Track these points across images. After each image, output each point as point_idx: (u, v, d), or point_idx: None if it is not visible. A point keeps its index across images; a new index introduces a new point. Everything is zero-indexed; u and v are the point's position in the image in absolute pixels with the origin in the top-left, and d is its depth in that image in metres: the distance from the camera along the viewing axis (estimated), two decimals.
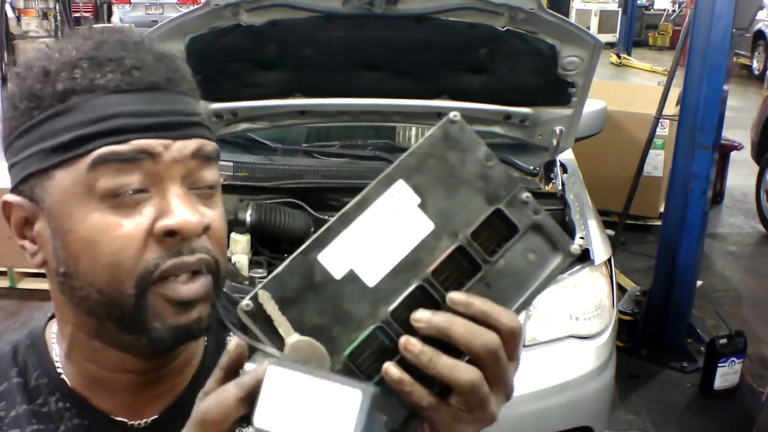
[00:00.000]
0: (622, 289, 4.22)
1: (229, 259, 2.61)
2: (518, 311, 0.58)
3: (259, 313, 0.54)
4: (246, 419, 0.53)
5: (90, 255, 0.65)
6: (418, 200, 0.57)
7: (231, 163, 3.03)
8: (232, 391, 0.54)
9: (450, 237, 0.57)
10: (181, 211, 0.65)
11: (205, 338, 0.81)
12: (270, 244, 2.79)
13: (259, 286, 0.54)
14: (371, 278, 0.55)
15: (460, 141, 0.59)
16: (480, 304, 0.55)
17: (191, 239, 0.66)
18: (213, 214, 0.69)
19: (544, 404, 2.40)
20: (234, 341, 0.57)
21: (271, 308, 0.54)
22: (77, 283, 0.66)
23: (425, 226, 0.57)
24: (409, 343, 0.53)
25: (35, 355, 0.76)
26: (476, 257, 0.57)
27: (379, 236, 0.56)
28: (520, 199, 0.58)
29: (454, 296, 0.55)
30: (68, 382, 0.74)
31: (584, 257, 2.64)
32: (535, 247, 0.58)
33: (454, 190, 0.58)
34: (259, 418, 0.51)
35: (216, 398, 0.55)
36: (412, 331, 0.54)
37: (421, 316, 0.54)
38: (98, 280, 0.65)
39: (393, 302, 0.55)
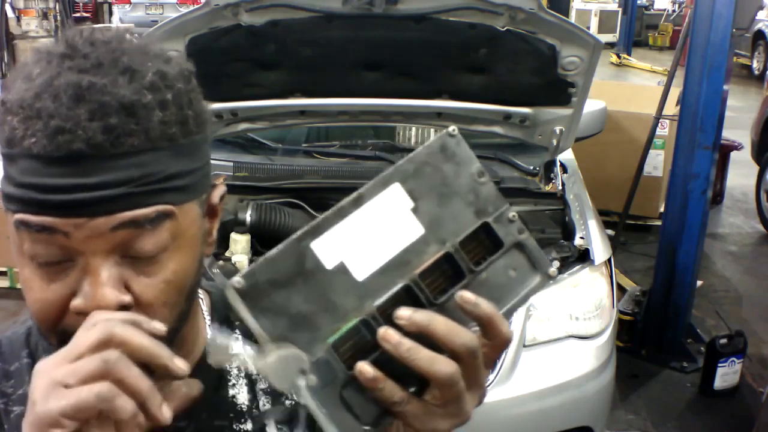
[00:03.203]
0: (622, 289, 4.22)
1: (229, 259, 2.61)
2: None
3: (249, 292, 0.55)
4: None
5: (25, 296, 0.66)
6: (412, 204, 0.59)
7: (231, 163, 3.04)
8: (145, 339, 0.56)
9: (438, 243, 0.59)
10: (93, 292, 0.62)
11: (208, 332, 0.82)
12: (270, 244, 2.77)
13: (252, 265, 0.55)
14: (360, 273, 0.57)
15: (456, 154, 0.61)
16: (486, 307, 0.56)
17: None
18: (146, 284, 0.64)
19: (544, 404, 2.40)
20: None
21: (244, 311, 0.55)
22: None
23: (416, 230, 0.59)
24: (387, 334, 0.54)
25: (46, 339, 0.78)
26: (462, 265, 0.59)
27: (372, 234, 0.57)
28: (507, 217, 0.61)
29: (465, 294, 0.56)
30: None
31: (584, 257, 2.64)
32: (516, 265, 0.61)
33: (446, 199, 0.60)
34: None
35: (129, 330, 0.56)
36: (395, 329, 0.55)
37: (403, 314, 0.55)
38: (34, 318, 0.67)
39: (379, 298, 0.57)
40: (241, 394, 0.82)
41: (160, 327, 0.59)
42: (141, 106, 0.61)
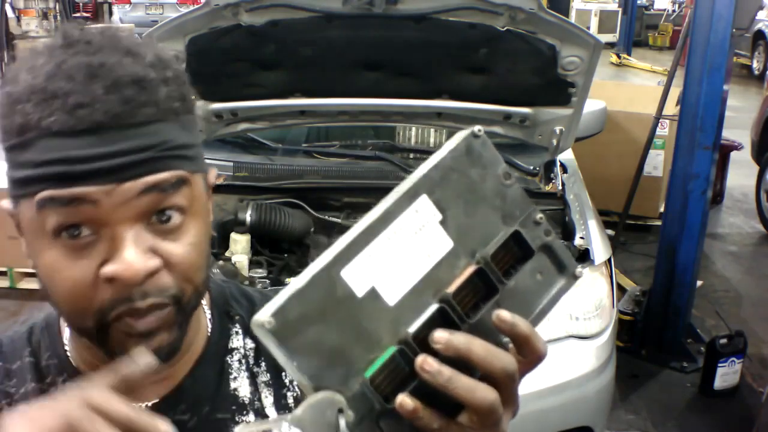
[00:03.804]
0: (622, 289, 4.22)
1: (229, 259, 2.61)
2: None
3: (281, 331, 0.50)
4: None
5: (50, 286, 0.67)
6: (440, 216, 0.56)
7: (231, 163, 3.04)
8: (122, 406, 0.55)
9: (467, 256, 0.57)
10: (123, 257, 0.64)
11: (209, 328, 0.84)
12: (270, 244, 2.79)
13: (279, 299, 0.51)
14: (392, 296, 0.54)
15: (483, 156, 0.58)
16: (523, 326, 0.55)
17: (138, 284, 0.65)
18: (173, 248, 0.67)
19: (544, 404, 2.40)
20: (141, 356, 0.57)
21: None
22: (51, 301, 0.69)
23: (445, 243, 0.56)
24: (426, 362, 0.52)
25: (48, 338, 0.80)
26: (493, 279, 0.56)
27: (401, 252, 0.54)
28: (533, 219, 0.59)
29: (501, 314, 0.55)
30: (75, 364, 0.78)
31: (584, 257, 2.64)
32: (542, 268, 0.59)
33: (473, 207, 0.57)
34: None
35: (102, 401, 0.55)
36: (431, 352, 0.53)
37: (440, 337, 0.53)
38: (62, 308, 0.68)
39: (413, 323, 0.54)
40: (242, 387, 0.82)
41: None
42: (149, 80, 0.65)
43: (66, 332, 0.80)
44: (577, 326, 2.51)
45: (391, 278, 0.54)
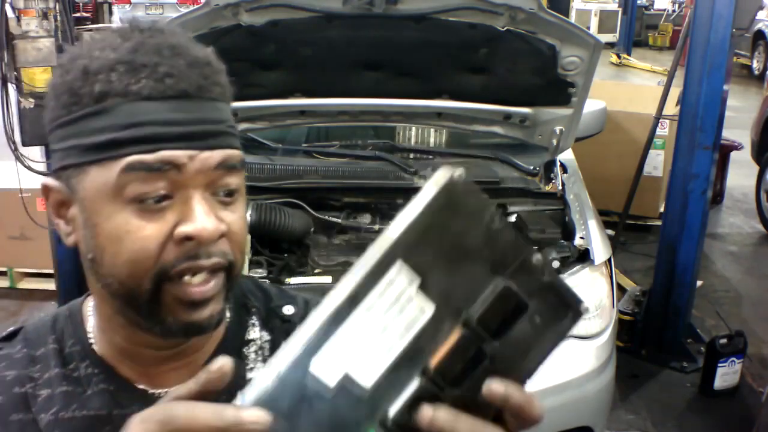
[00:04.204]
0: (622, 289, 4.22)
1: None
2: (526, 379, 0.54)
3: None
4: None
5: (113, 250, 0.70)
6: (419, 281, 0.50)
7: None
8: (207, 415, 0.52)
9: (452, 318, 0.51)
10: (200, 218, 0.69)
11: (228, 316, 0.86)
12: (270, 244, 2.79)
13: (247, 398, 0.49)
14: (368, 378, 0.49)
15: (466, 204, 0.51)
16: (517, 397, 0.52)
17: (208, 244, 0.70)
18: (233, 218, 0.73)
19: (544, 404, 2.38)
20: (219, 362, 0.55)
21: None
22: (102, 270, 0.72)
23: (426, 309, 0.50)
24: None
25: (71, 325, 0.83)
26: (483, 346, 0.51)
27: (376, 330, 0.49)
28: (529, 263, 0.53)
29: (492, 387, 0.51)
30: (98, 351, 0.81)
31: (584, 257, 2.64)
32: (541, 310, 0.53)
33: (457, 263, 0.51)
34: None
35: (187, 412, 0.53)
36: (416, 430, 0.50)
37: (423, 416, 0.50)
38: (119, 272, 0.70)
39: (394, 402, 0.50)
40: None
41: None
42: (215, 64, 0.74)
43: (90, 321, 0.82)
44: (577, 326, 2.51)
45: (366, 360, 0.49)
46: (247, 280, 0.93)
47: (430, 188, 0.51)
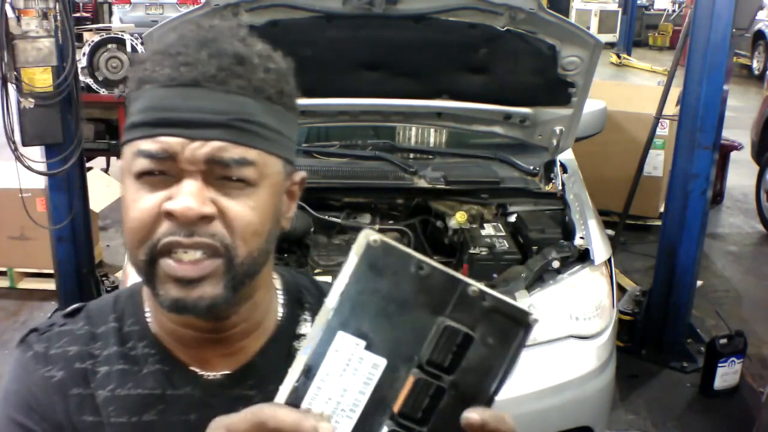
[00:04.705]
0: (622, 289, 4.22)
1: None
2: (494, 396, 0.57)
3: None
4: None
5: (125, 218, 0.76)
6: (364, 343, 0.56)
7: None
8: (291, 418, 0.55)
9: (406, 363, 0.56)
10: (183, 197, 0.72)
11: (280, 311, 0.90)
12: None
13: None
14: None
15: (389, 263, 0.56)
16: (493, 421, 0.56)
17: (196, 223, 0.73)
18: (235, 206, 0.74)
19: (544, 404, 2.40)
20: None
21: None
22: (125, 240, 0.77)
23: (378, 363, 0.56)
24: None
25: (132, 305, 0.87)
26: (439, 383, 0.56)
27: (335, 395, 0.55)
28: (467, 295, 0.56)
29: (470, 418, 0.55)
30: (154, 332, 0.85)
31: (584, 257, 2.64)
32: (492, 331, 0.57)
33: (397, 316, 0.56)
34: None
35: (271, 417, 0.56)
36: None
37: None
38: (127, 240, 0.76)
39: None
40: None
41: None
42: (249, 61, 0.75)
43: (149, 302, 0.86)
44: (577, 326, 2.51)
45: (336, 423, 0.55)
46: (304, 276, 0.97)
47: (352, 258, 0.56)
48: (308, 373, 0.55)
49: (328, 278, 2.62)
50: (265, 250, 0.79)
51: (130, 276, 2.29)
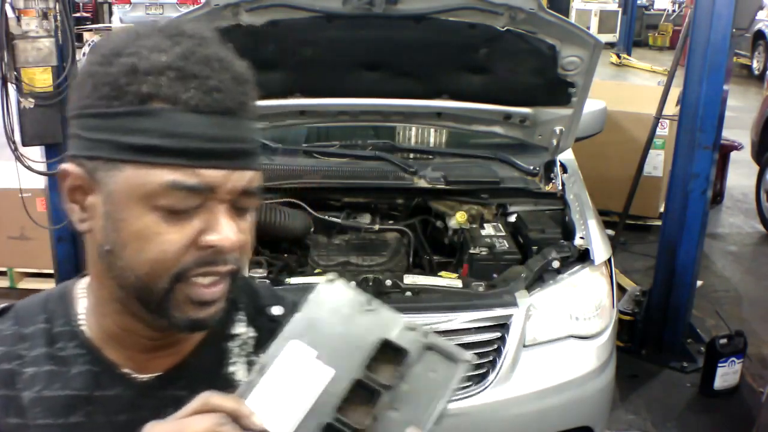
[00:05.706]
0: (622, 289, 4.22)
1: None
2: (428, 426, 0.64)
3: None
4: None
5: (137, 247, 0.72)
6: (315, 353, 0.65)
7: None
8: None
9: (350, 377, 0.65)
10: (225, 230, 0.73)
11: None
12: (270, 244, 2.79)
13: None
14: (283, 430, 0.62)
15: (338, 301, 0.68)
16: None
17: (228, 253, 0.75)
18: (245, 229, 0.77)
19: (544, 404, 2.40)
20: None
21: None
22: (119, 263, 0.74)
23: (326, 373, 0.65)
24: None
25: (62, 306, 0.85)
26: (373, 386, 0.64)
27: (285, 392, 0.63)
28: (408, 327, 0.67)
29: None
30: (86, 333, 0.83)
31: (584, 257, 2.64)
32: (433, 366, 0.66)
33: (345, 338, 0.66)
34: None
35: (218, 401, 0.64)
36: None
37: None
38: (139, 268, 0.73)
39: None
40: (239, 371, 0.87)
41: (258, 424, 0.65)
42: (253, 81, 0.76)
43: (81, 303, 0.84)
44: (577, 326, 2.51)
45: (279, 416, 0.63)
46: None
47: (318, 288, 0.69)
48: (261, 369, 0.64)
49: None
50: None
51: None
